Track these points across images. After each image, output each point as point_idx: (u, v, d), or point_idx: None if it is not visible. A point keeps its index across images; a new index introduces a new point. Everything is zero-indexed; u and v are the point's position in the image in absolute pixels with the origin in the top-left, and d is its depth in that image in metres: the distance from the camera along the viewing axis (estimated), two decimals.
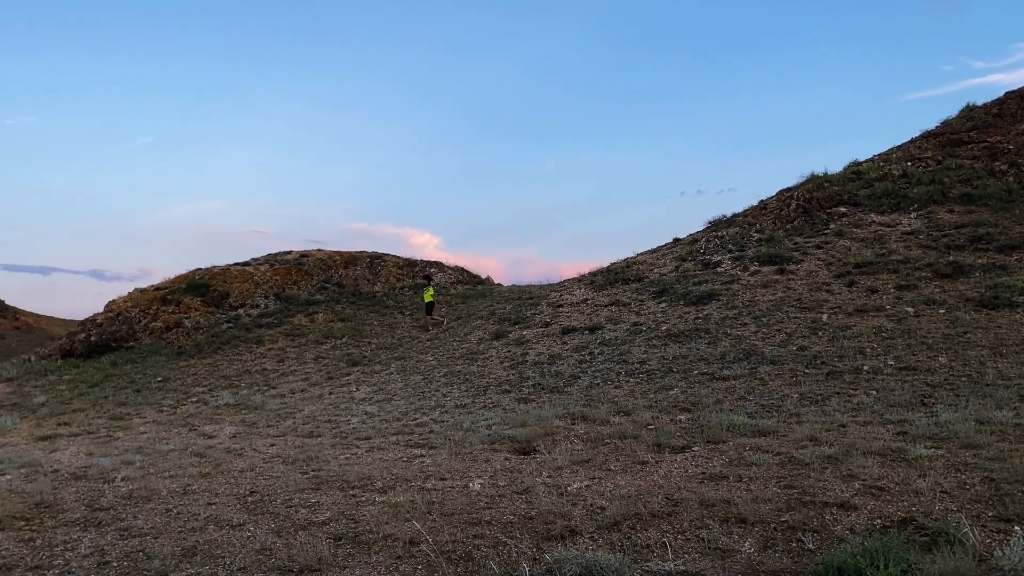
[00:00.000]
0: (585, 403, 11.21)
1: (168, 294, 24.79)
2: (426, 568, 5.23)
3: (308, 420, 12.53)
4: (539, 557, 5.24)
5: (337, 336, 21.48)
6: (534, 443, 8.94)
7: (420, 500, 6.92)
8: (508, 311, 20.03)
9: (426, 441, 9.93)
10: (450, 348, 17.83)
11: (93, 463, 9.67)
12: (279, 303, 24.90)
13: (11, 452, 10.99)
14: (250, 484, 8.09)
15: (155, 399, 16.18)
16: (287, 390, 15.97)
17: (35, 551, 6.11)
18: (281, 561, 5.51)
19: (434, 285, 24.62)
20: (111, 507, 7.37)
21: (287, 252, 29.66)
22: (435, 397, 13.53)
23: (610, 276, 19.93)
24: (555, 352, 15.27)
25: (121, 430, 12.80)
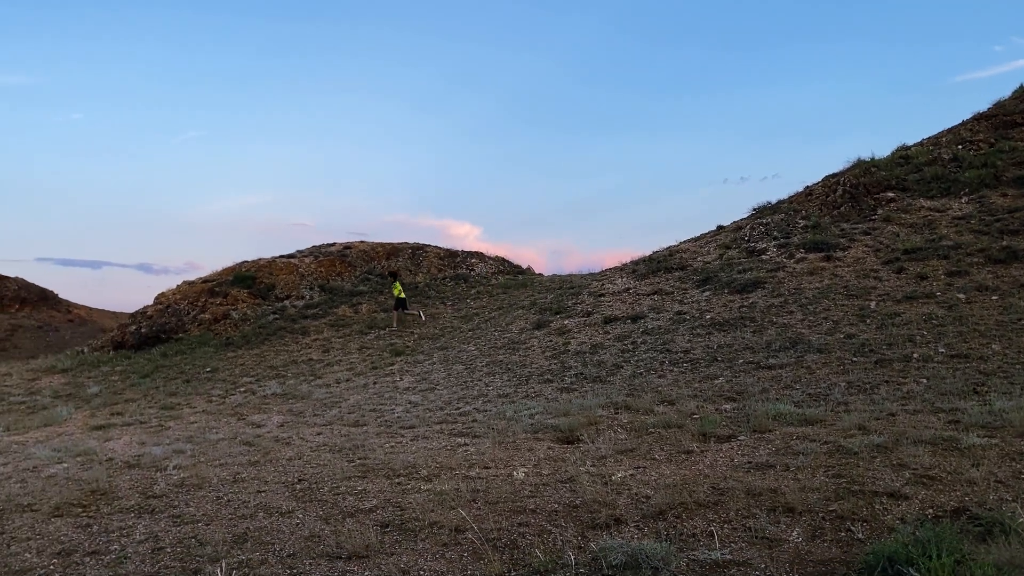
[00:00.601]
0: (628, 392, 11.18)
1: (216, 286, 25.24)
2: (472, 555, 5.27)
3: (353, 409, 12.68)
4: (584, 545, 5.25)
5: (380, 326, 21.69)
6: (577, 432, 8.94)
7: (465, 488, 6.97)
8: (549, 301, 20.02)
9: (469, 430, 9.98)
10: (492, 338, 17.89)
11: (146, 452, 9.90)
12: (324, 294, 25.21)
13: (67, 441, 11.31)
14: (298, 472, 8.22)
15: (204, 389, 16.51)
16: (332, 380, 16.17)
17: (92, 537, 6.28)
18: (329, 547, 5.60)
19: (402, 281, 23.99)
20: (164, 495, 7.54)
21: (331, 244, 30.00)
22: (477, 386, 13.59)
23: (652, 265, 19.81)
24: (597, 341, 15.23)
25: (172, 420, 13.09)
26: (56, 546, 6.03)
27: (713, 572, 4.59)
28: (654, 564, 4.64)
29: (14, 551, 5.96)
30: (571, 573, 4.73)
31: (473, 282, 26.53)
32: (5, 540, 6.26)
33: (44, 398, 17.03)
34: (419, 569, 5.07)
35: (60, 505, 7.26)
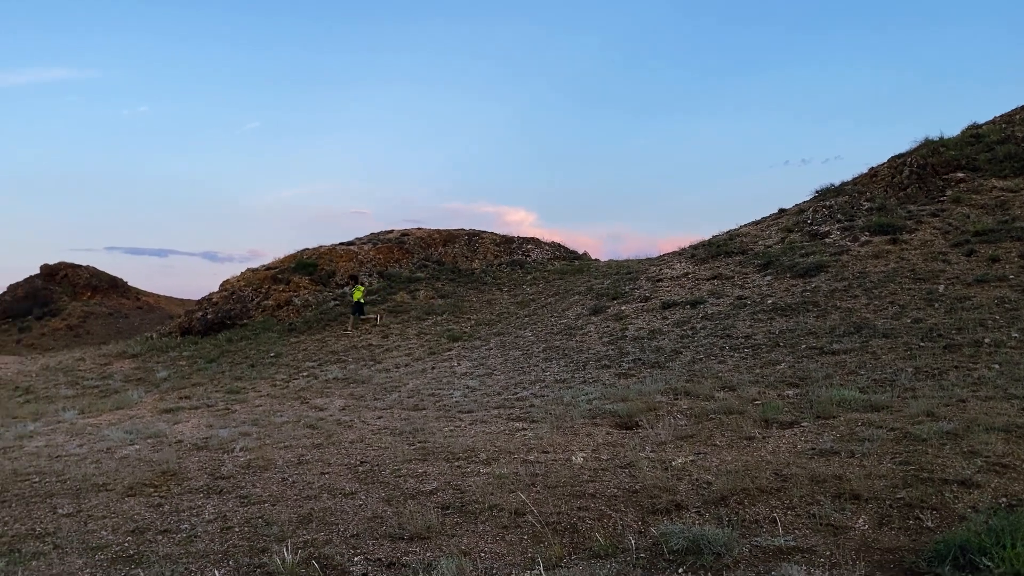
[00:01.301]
0: (688, 378, 11.07)
1: (278, 273, 25.76)
2: (532, 538, 5.30)
3: (412, 393, 12.83)
4: (644, 530, 5.23)
5: (438, 312, 21.87)
6: (636, 418, 8.90)
7: (524, 472, 7.00)
8: (606, 286, 19.92)
9: (527, 415, 10.01)
10: (548, 324, 17.88)
11: (213, 434, 10.18)
12: (382, 281, 25.52)
13: (138, 423, 11.69)
14: (360, 455, 8.36)
15: (268, 373, 16.88)
16: (392, 365, 16.37)
17: (164, 516, 6.49)
18: (392, 528, 5.68)
19: (364, 285, 24.00)
20: (231, 476, 7.75)
21: (388, 231, 30.33)
22: (534, 372, 13.62)
23: (712, 249, 19.54)
24: (655, 327, 15.11)
25: (238, 403, 13.42)
26: (130, 524, 6.25)
27: (776, 558, 4.52)
28: (716, 550, 4.60)
29: (91, 528, 6.19)
30: (632, 558, 4.71)
31: (529, 268, 26.55)
32: (82, 518, 6.51)
33: (116, 382, 17.62)
34: (480, 551, 5.12)
35: (133, 485, 7.52)
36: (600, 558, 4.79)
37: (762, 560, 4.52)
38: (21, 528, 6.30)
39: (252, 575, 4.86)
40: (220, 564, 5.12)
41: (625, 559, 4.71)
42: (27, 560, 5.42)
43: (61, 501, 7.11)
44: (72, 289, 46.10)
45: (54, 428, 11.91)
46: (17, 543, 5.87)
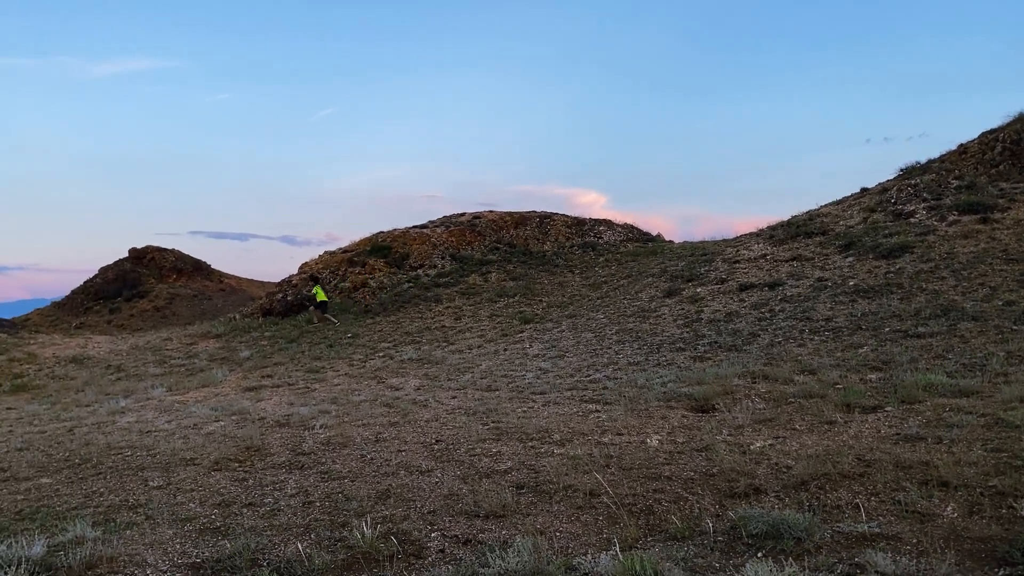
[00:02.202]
0: (766, 362, 10.85)
1: (354, 256, 26.21)
2: (607, 519, 5.28)
3: (485, 375, 12.92)
4: (722, 514, 5.16)
5: (509, 294, 21.94)
6: (712, 401, 8.78)
7: (598, 453, 6.98)
8: (680, 268, 19.65)
9: (600, 397, 9.97)
10: (621, 306, 17.75)
11: (294, 412, 10.46)
12: (455, 263, 25.72)
13: (223, 401, 12.09)
14: (435, 433, 8.47)
15: (346, 354, 17.23)
16: (464, 346, 16.52)
17: (248, 490, 6.71)
18: (468, 506, 5.75)
19: (323, 284, 24.07)
20: (312, 452, 7.95)
21: (460, 214, 30.51)
22: (607, 354, 13.54)
23: (791, 230, 19.06)
24: (732, 309, 14.85)
25: (317, 382, 13.75)
26: (216, 497, 6.48)
27: (860, 545, 4.41)
28: (796, 535, 4.51)
29: (180, 501, 6.44)
30: (709, 541, 4.66)
31: (601, 250, 26.38)
32: (172, 491, 6.78)
33: (201, 361, 18.25)
34: (555, 530, 5.14)
35: (219, 460, 7.79)
36: (677, 540, 4.75)
37: (845, 546, 4.41)
38: (115, 499, 6.60)
39: (333, 548, 4.98)
40: (302, 537, 5.26)
41: (702, 542, 4.66)
42: (121, 529, 5.67)
43: (152, 474, 7.42)
44: (159, 272, 47.81)
45: (144, 404, 12.43)
46: (112, 513, 6.15)
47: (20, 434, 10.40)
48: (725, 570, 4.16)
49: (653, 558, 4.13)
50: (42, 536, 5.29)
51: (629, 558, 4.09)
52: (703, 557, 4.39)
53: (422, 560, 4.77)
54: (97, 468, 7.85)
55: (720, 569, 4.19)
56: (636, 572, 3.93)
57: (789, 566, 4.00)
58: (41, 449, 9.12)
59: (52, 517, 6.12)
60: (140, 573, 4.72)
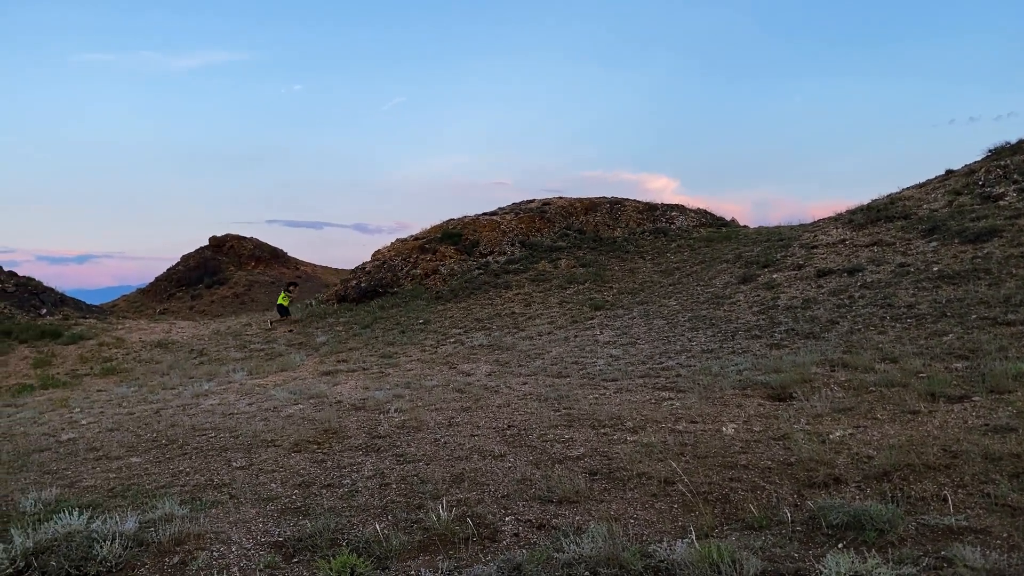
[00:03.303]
0: (845, 349, 10.56)
1: (425, 243, 26.48)
2: (682, 507, 5.24)
3: (556, 361, 12.92)
4: (800, 504, 5.06)
5: (579, 281, 21.86)
6: (790, 389, 8.60)
7: (672, 441, 6.92)
8: (756, 254, 19.26)
9: (673, 384, 9.88)
10: (694, 293, 17.51)
11: (369, 396, 10.66)
12: (524, 250, 25.74)
13: (301, 385, 12.40)
14: (507, 419, 8.52)
15: (418, 339, 17.46)
16: (535, 332, 16.54)
17: (327, 471, 6.88)
18: (540, 491, 5.77)
19: (293, 290, 25.07)
20: (387, 435, 8.10)
21: (530, 201, 30.49)
22: (680, 341, 13.39)
23: (871, 214, 18.47)
24: (809, 296, 14.49)
25: (391, 367, 13.98)
26: (296, 478, 6.66)
27: (946, 538, 4.26)
28: (879, 526, 4.39)
29: (262, 481, 6.65)
30: (787, 531, 4.58)
31: (673, 236, 26.03)
32: (254, 471, 7.00)
33: (279, 346, 18.74)
34: (629, 517, 5.12)
35: (298, 442, 8.00)
36: (754, 529, 4.68)
37: (930, 539, 4.28)
38: (200, 479, 6.85)
39: (410, 530, 5.07)
40: (380, 518, 5.37)
41: (780, 531, 4.59)
42: (207, 508, 5.89)
43: (235, 455, 7.67)
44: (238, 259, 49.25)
45: (226, 388, 12.84)
46: (198, 492, 6.39)
47: (110, 415, 10.87)
48: (804, 560, 4.08)
49: (730, 546, 4.08)
50: (134, 513, 5.52)
51: (705, 546, 4.05)
52: (781, 547, 4.32)
53: (497, 543, 4.82)
54: (183, 448, 8.16)
55: (799, 559, 4.12)
56: (713, 560, 3.89)
57: (872, 558, 3.90)
58: (130, 430, 9.52)
59: (142, 495, 6.39)
60: (226, 550, 4.89)
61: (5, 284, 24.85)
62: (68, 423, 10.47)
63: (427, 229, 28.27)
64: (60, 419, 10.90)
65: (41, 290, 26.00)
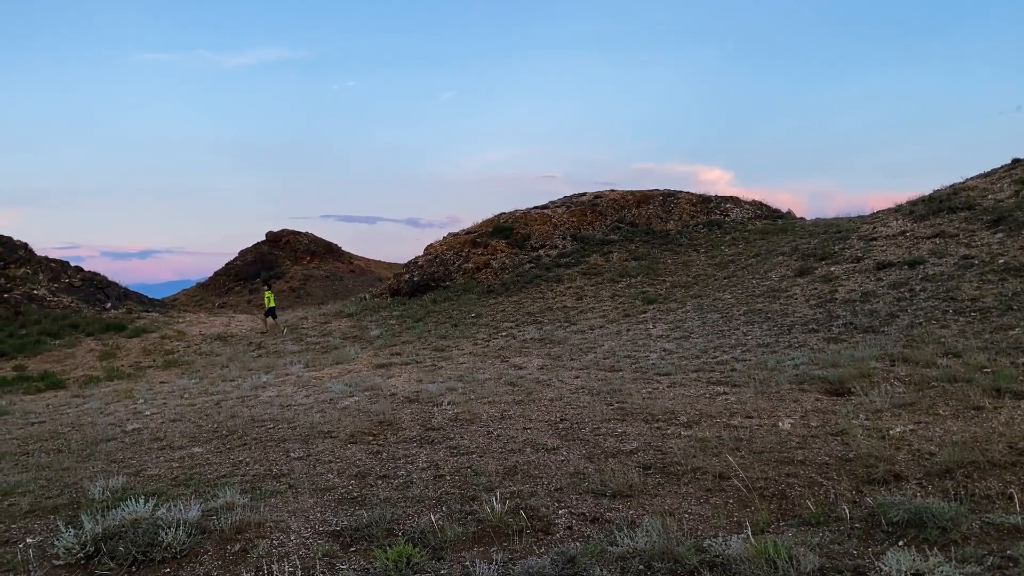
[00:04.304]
0: (905, 343, 10.32)
1: (477, 237, 26.61)
2: (737, 502, 5.19)
3: (608, 355, 12.89)
4: (859, 500, 4.98)
5: (632, 274, 21.74)
6: (848, 384, 8.44)
7: (727, 436, 6.86)
8: (813, 246, 18.91)
9: (728, 379, 9.77)
10: (749, 286, 17.27)
11: (423, 389, 10.77)
12: (575, 243, 25.69)
13: (356, 377, 12.59)
14: (560, 412, 8.53)
15: (470, 333, 17.58)
16: (586, 326, 16.51)
17: (382, 462, 6.97)
18: (594, 485, 5.77)
19: (274, 289, 24.43)
20: (441, 427, 8.18)
21: (581, 194, 30.38)
22: (735, 335, 13.23)
23: (933, 205, 17.98)
24: (868, 289, 14.18)
25: (443, 360, 14.10)
26: (353, 469, 6.77)
27: (1012, 537, 4.15)
28: (941, 524, 4.29)
29: (319, 471, 6.77)
30: (846, 527, 4.50)
31: (728, 228, 25.70)
32: (311, 462, 7.14)
33: (335, 339, 19.04)
34: (683, 512, 5.09)
35: (354, 433, 8.13)
36: (811, 526, 4.62)
37: (995, 538, 4.17)
38: (260, 469, 7.01)
39: (464, 521, 5.11)
40: (435, 509, 5.44)
41: (838, 528, 4.51)
42: (267, 497, 6.02)
43: (292, 446, 7.83)
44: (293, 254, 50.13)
45: (283, 380, 13.10)
46: (258, 482, 6.54)
47: (173, 406, 11.18)
48: (864, 558, 4.01)
49: (787, 542, 4.03)
50: (197, 501, 5.68)
51: (761, 541, 4.01)
52: (840, 543, 4.25)
53: (550, 536, 4.84)
54: (243, 439, 8.35)
55: (858, 556, 4.05)
56: (769, 556, 3.85)
57: (934, 556, 3.82)
58: (192, 420, 9.78)
59: (204, 484, 6.56)
60: (285, 539, 5.00)
61: (72, 279, 25.71)
62: (133, 414, 10.80)
63: (478, 223, 28.40)
64: (125, 410, 11.25)
65: (106, 285, 26.84)
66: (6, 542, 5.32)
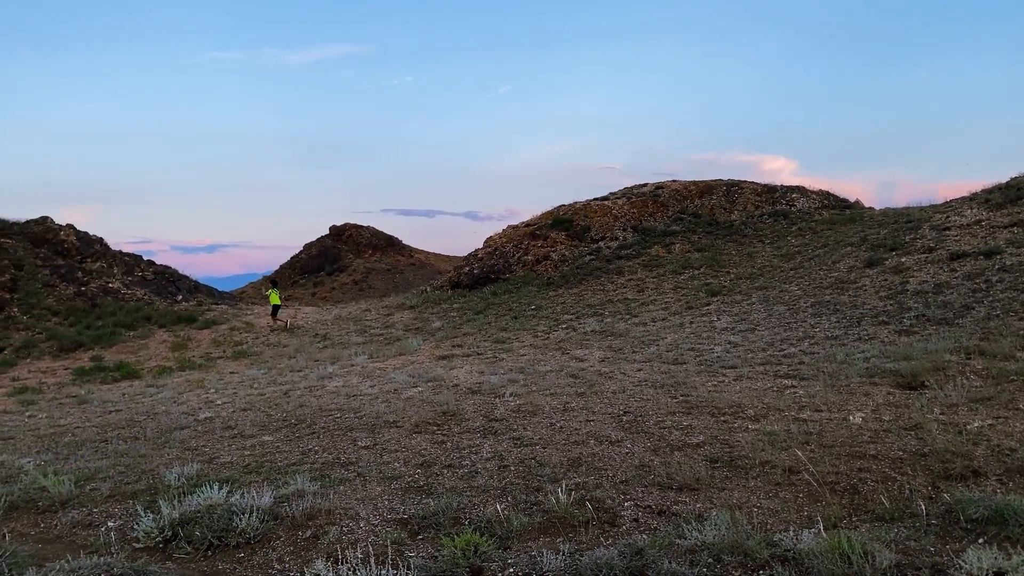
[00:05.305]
0: (982, 336, 9.98)
1: (536, 230, 26.60)
2: (807, 496, 5.10)
3: (671, 348, 12.77)
4: (935, 496, 4.84)
5: (694, 266, 21.47)
6: (921, 378, 8.20)
7: (796, 430, 6.73)
8: (882, 236, 18.40)
9: (796, 372, 9.59)
10: (817, 277, 16.91)
11: (484, 380, 10.84)
12: (637, 235, 25.48)
13: (419, 368, 12.73)
14: (623, 405, 8.49)
15: (530, 325, 17.61)
16: (648, 318, 16.38)
17: (447, 452, 7.04)
18: (660, 478, 5.73)
19: (280, 288, 24.41)
20: (504, 418, 8.22)
21: (642, 185, 30.11)
22: (802, 328, 12.97)
23: (1010, 193, 17.32)
24: (941, 280, 13.75)
25: (504, 352, 14.16)
26: (418, 458, 6.86)
27: None
28: (1023, 521, 4.15)
29: (386, 460, 6.87)
30: (921, 524, 4.39)
31: (794, 218, 25.17)
32: (378, 451, 7.25)
33: (397, 330, 19.29)
34: (752, 505, 5.02)
35: (419, 423, 8.23)
36: (885, 521, 4.51)
37: None
38: (329, 457, 7.15)
39: (530, 511, 5.13)
40: (500, 499, 5.47)
41: (914, 524, 4.40)
42: (335, 485, 6.14)
43: (359, 435, 7.96)
44: (356, 247, 50.83)
45: (348, 370, 13.33)
46: (326, 470, 6.67)
47: (243, 396, 11.48)
48: (942, 555, 3.91)
49: (861, 538, 3.94)
50: (268, 488, 5.83)
51: (834, 536, 3.93)
52: (916, 540, 4.14)
53: (616, 528, 4.83)
54: (311, 428, 8.53)
55: (935, 553, 3.94)
56: (843, 551, 3.78)
57: (1017, 554, 3.69)
58: (262, 410, 10.02)
59: (275, 471, 6.72)
60: (354, 526, 5.09)
61: (145, 272, 26.56)
62: (205, 403, 11.12)
63: (537, 216, 28.37)
64: (197, 399, 11.59)
65: (177, 278, 27.66)
66: (89, 525, 5.54)
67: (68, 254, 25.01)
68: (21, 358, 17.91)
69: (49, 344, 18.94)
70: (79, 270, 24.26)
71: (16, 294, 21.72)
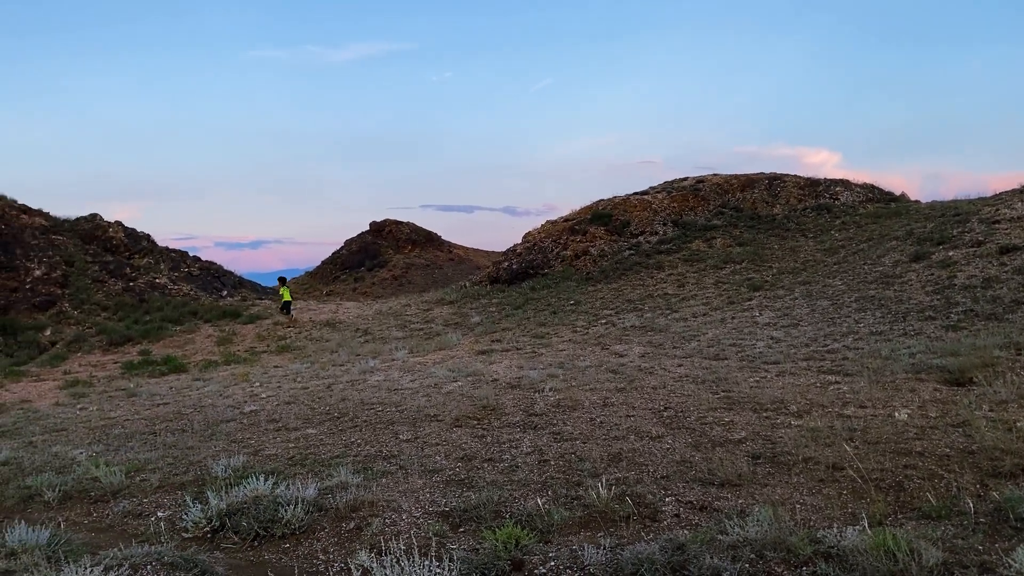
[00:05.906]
0: None
1: (575, 225, 26.54)
2: (852, 493, 5.05)
3: (712, 343, 12.67)
4: (984, 494, 4.76)
5: (736, 261, 21.26)
6: (969, 374, 8.04)
7: (840, 426, 6.66)
8: (929, 230, 18.04)
9: (840, 368, 9.47)
10: (861, 272, 16.64)
11: (524, 375, 10.87)
12: (677, 229, 25.28)
13: (459, 363, 12.80)
14: (663, 400, 8.46)
15: (569, 320, 17.58)
16: (689, 314, 16.27)
17: (487, 446, 7.09)
18: (701, 474, 5.72)
19: (289, 286, 24.22)
20: (543, 413, 8.24)
21: (683, 179, 29.85)
22: (846, 323, 12.78)
23: None
24: (990, 275, 13.44)
25: (543, 347, 14.17)
26: (459, 452, 6.92)
27: None
28: None
29: (427, 453, 6.95)
30: (969, 522, 4.32)
31: (837, 212, 24.77)
32: (419, 444, 7.33)
33: (437, 325, 19.40)
34: (795, 502, 4.99)
35: (459, 417, 8.29)
36: (931, 519, 4.45)
37: None
38: (371, 450, 7.24)
39: (570, 506, 5.16)
40: (540, 493, 5.50)
41: (961, 522, 4.33)
42: (378, 477, 6.23)
43: (401, 428, 8.05)
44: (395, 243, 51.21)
45: (389, 365, 13.45)
46: (369, 462, 6.76)
47: (287, 390, 11.65)
48: (990, 554, 3.85)
49: (907, 535, 3.90)
50: (313, 480, 5.93)
51: (880, 533, 3.89)
52: (963, 538, 4.08)
53: (657, 523, 4.83)
54: (354, 421, 8.65)
55: (984, 552, 3.88)
56: (889, 548, 3.73)
57: None
58: (305, 403, 10.17)
59: (319, 464, 6.84)
60: (397, 518, 5.16)
61: (191, 268, 27.06)
62: (250, 396, 11.31)
63: (576, 210, 28.28)
64: (242, 392, 11.79)
65: (222, 273, 28.14)
66: (139, 515, 5.69)
67: (117, 250, 25.58)
68: (72, 352, 18.38)
69: (99, 338, 19.41)
70: (127, 266, 24.79)
71: (67, 290, 22.27)
